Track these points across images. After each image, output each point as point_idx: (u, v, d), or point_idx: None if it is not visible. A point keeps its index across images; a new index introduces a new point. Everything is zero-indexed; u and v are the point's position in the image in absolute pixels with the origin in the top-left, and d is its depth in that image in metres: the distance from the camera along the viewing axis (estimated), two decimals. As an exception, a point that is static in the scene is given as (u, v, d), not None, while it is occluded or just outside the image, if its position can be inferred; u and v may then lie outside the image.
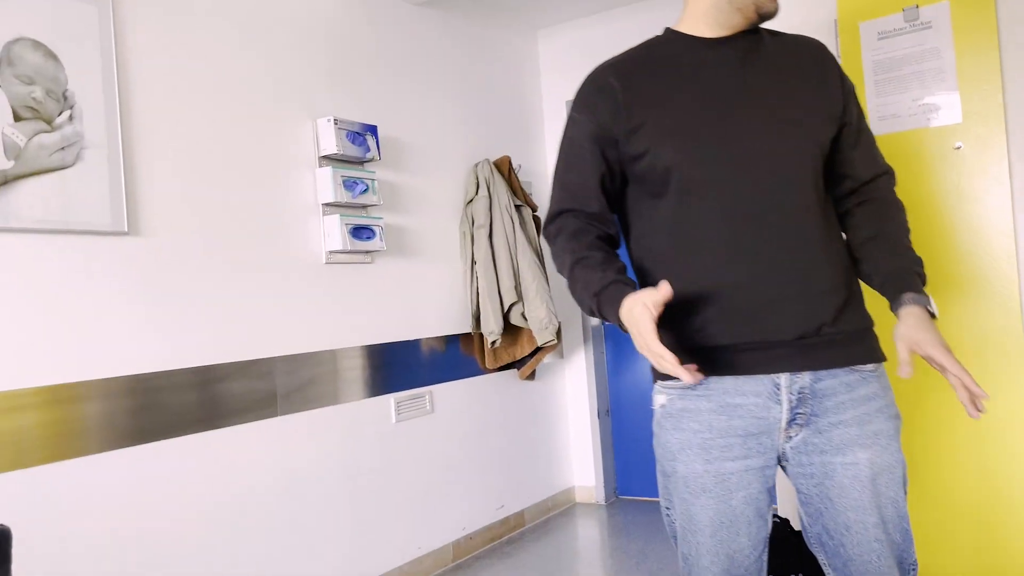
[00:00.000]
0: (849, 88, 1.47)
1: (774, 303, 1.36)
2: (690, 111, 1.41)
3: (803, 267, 1.37)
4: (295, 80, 2.82)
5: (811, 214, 1.38)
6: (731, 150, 1.38)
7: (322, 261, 2.85)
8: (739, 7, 1.43)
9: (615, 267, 1.41)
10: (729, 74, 1.42)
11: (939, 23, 1.93)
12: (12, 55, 2.01)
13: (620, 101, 1.44)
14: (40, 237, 2.06)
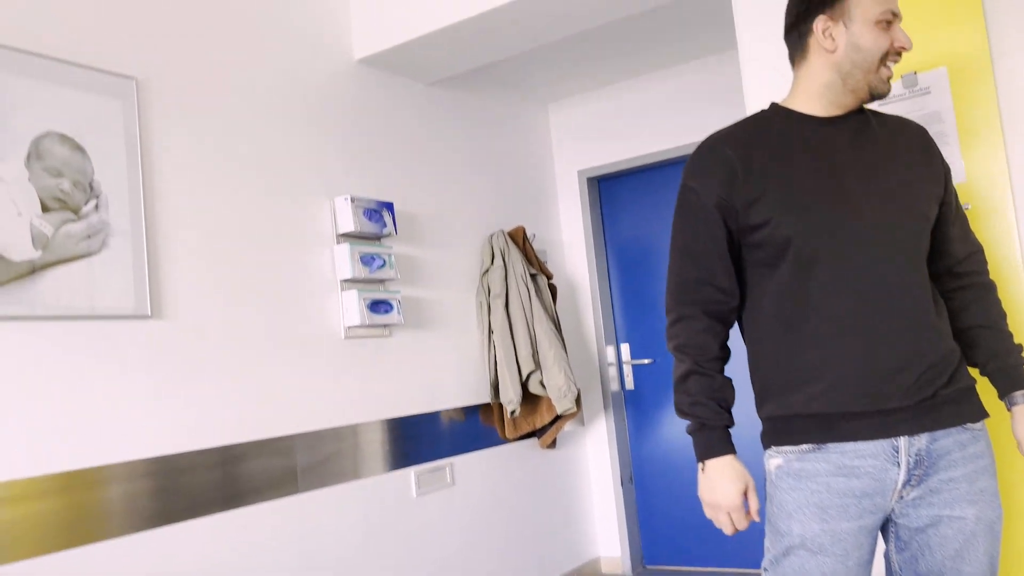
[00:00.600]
0: (947, 169, 1.57)
1: (891, 372, 1.41)
2: (807, 184, 1.46)
3: (917, 336, 1.43)
4: (313, 160, 2.90)
5: (922, 286, 1.46)
6: (848, 223, 1.44)
7: (341, 336, 2.89)
8: (853, 88, 1.49)
9: (727, 403, 1.51)
10: (843, 150, 1.49)
11: (938, 88, 1.97)
12: (41, 149, 2.09)
13: (738, 171, 1.48)
14: (66, 323, 2.11)
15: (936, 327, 1.45)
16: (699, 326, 1.52)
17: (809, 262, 1.45)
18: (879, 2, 1.45)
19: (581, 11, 2.96)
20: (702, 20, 3.44)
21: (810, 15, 1.50)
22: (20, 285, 2.01)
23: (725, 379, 1.53)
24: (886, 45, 1.46)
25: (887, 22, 1.45)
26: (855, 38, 1.46)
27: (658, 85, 3.97)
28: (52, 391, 2.08)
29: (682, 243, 1.55)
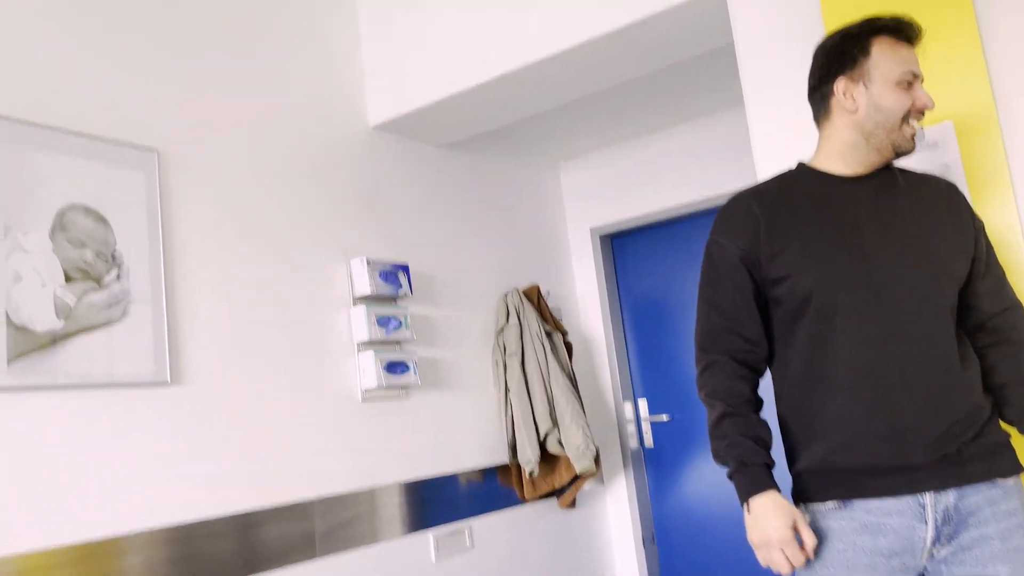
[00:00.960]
0: (979, 224, 1.57)
1: (914, 427, 1.41)
2: (829, 240, 1.49)
3: (940, 391, 1.42)
4: (329, 224, 2.95)
5: (947, 340, 1.45)
6: (869, 278, 1.46)
7: (358, 399, 2.89)
8: (877, 147, 1.52)
9: (764, 441, 1.49)
10: (866, 208, 1.51)
11: (945, 142, 1.99)
12: (65, 221, 2.14)
13: (762, 226, 1.52)
14: (85, 392, 2.13)
15: (961, 381, 1.44)
16: (728, 371, 1.53)
17: (829, 316, 1.46)
18: (899, 64, 1.50)
19: (589, 74, 3.03)
20: (708, 78, 3.50)
21: (831, 77, 1.54)
22: (41, 355, 2.04)
23: (760, 419, 1.52)
24: (907, 105, 1.49)
25: (908, 82, 1.49)
26: (876, 99, 1.50)
27: (667, 143, 4.03)
28: (71, 460, 2.08)
29: (709, 295, 1.57)
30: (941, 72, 1.99)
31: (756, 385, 1.56)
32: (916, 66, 1.52)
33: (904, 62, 1.50)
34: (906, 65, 1.50)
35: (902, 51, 1.52)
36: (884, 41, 1.52)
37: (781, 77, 2.23)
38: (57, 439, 2.07)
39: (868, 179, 1.55)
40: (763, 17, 2.27)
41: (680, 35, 2.79)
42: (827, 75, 1.55)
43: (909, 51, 1.53)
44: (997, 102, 1.94)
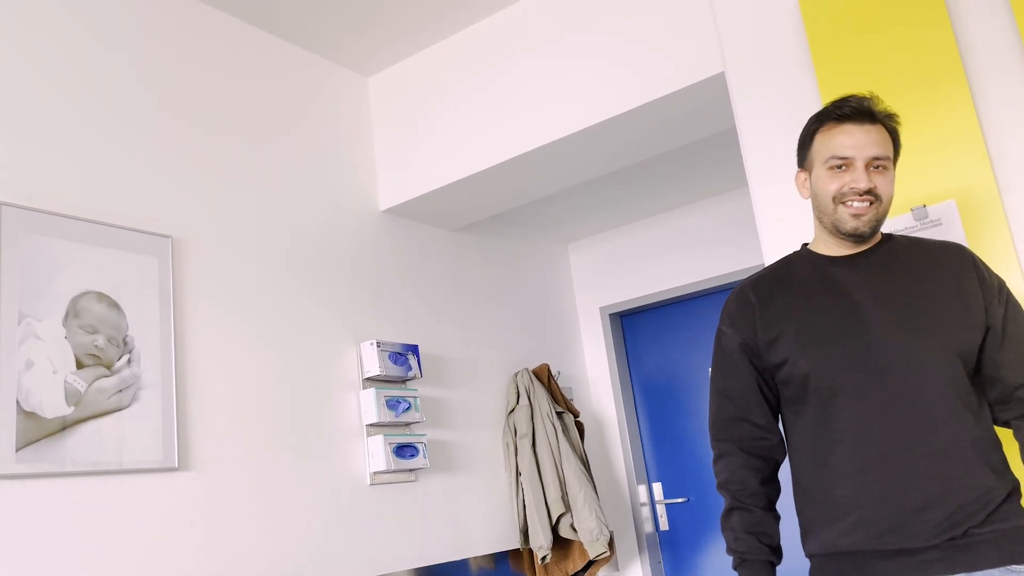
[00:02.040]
0: (993, 291, 1.52)
1: (917, 511, 1.39)
2: (823, 323, 1.51)
3: (944, 473, 1.39)
4: (340, 308, 2.97)
5: (953, 421, 1.42)
6: (868, 360, 1.45)
7: (367, 483, 2.86)
8: (829, 230, 1.56)
9: (769, 538, 1.51)
10: (861, 287, 1.52)
11: (948, 220, 2.00)
12: (79, 307, 2.17)
13: (757, 314, 1.57)
14: (94, 479, 2.12)
15: (969, 462, 1.40)
16: (737, 462, 1.57)
17: (829, 398, 1.48)
18: (827, 148, 1.54)
19: (595, 158, 3.09)
20: (713, 161, 3.57)
21: (798, 168, 1.64)
22: (51, 442, 2.04)
23: (767, 514, 1.54)
24: (834, 187, 1.52)
25: (837, 166, 1.52)
26: (813, 184, 1.57)
27: (674, 223, 4.07)
28: (79, 548, 2.05)
29: (718, 383, 1.62)
30: (941, 151, 2.02)
31: (769, 475, 1.57)
32: (845, 151, 1.51)
33: (836, 147, 1.52)
34: (832, 150, 1.52)
35: (839, 137, 1.52)
36: (827, 128, 1.55)
37: (783, 157, 2.26)
38: (64, 527, 2.04)
39: (864, 256, 1.57)
40: (763, 99, 2.32)
41: (683, 119, 2.85)
42: (798, 167, 1.65)
43: (855, 134, 1.51)
44: (998, 183, 1.96)
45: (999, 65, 2.00)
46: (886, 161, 1.53)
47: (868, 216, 1.51)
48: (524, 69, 2.96)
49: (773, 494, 1.58)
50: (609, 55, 2.78)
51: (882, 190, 1.51)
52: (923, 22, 2.07)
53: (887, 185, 1.53)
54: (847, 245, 1.56)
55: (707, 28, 2.58)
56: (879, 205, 1.52)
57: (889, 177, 1.54)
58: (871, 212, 1.51)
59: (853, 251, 1.57)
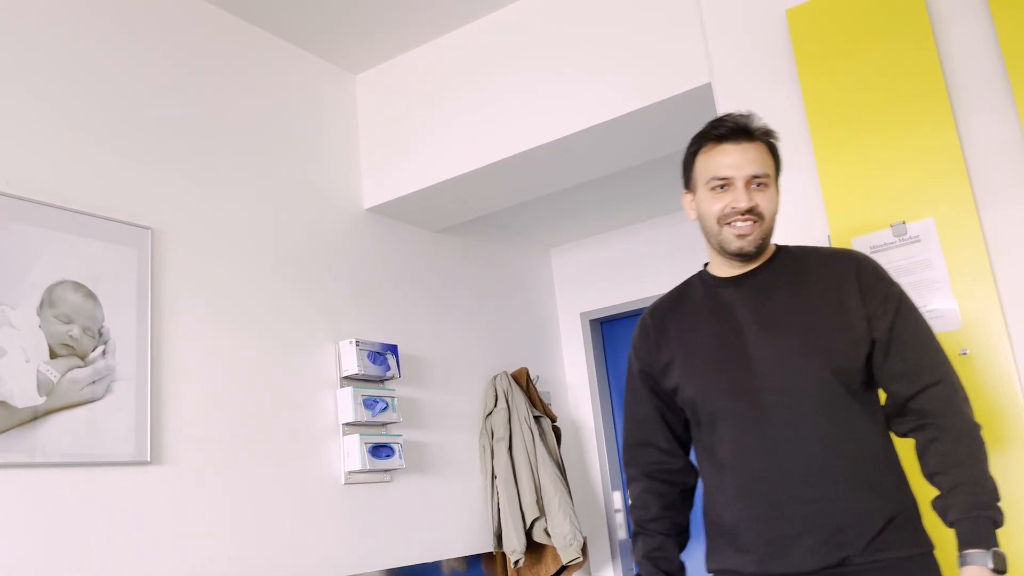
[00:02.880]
0: (877, 300, 1.47)
1: (794, 536, 1.38)
2: (710, 346, 1.52)
3: (821, 498, 1.38)
4: (320, 305, 2.95)
5: (831, 443, 1.40)
6: (750, 384, 1.45)
7: (341, 482, 2.84)
8: (716, 250, 1.56)
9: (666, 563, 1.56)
10: (744, 311, 1.52)
11: (927, 237, 2.03)
12: (54, 297, 2.14)
13: (652, 341, 1.61)
14: (65, 470, 2.09)
15: (847, 484, 1.38)
16: (640, 487, 1.62)
17: (713, 423, 1.50)
18: (707, 169, 1.53)
19: (580, 164, 3.10)
20: (698, 170, 3.58)
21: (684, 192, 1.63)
22: (21, 432, 2.01)
23: (666, 539, 1.58)
24: (717, 208, 1.51)
25: (719, 186, 1.51)
26: (698, 206, 1.56)
27: (656, 232, 4.09)
28: (48, 539, 2.03)
29: (627, 409, 1.67)
30: (922, 168, 2.05)
31: (673, 500, 1.61)
32: (725, 171, 1.49)
33: (715, 168, 1.50)
34: (712, 171, 1.51)
35: (718, 157, 1.51)
36: (706, 149, 1.54)
37: (766, 171, 2.28)
38: (33, 518, 2.01)
39: (750, 276, 1.55)
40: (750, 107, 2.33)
41: (669, 128, 2.87)
42: (684, 189, 1.64)
43: (733, 154, 1.50)
44: (977, 202, 1.99)
45: (982, 85, 2.02)
46: (766, 178, 1.51)
47: (752, 235, 1.49)
48: (512, 73, 2.96)
49: (679, 518, 1.60)
50: (597, 62, 2.79)
51: (764, 207, 1.50)
52: (908, 40, 2.10)
53: (768, 202, 1.51)
54: (735, 265, 1.55)
55: (695, 39, 2.59)
56: (762, 223, 1.50)
57: (770, 194, 1.52)
58: (755, 231, 1.49)
59: (741, 271, 1.56)
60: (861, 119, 2.13)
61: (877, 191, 2.09)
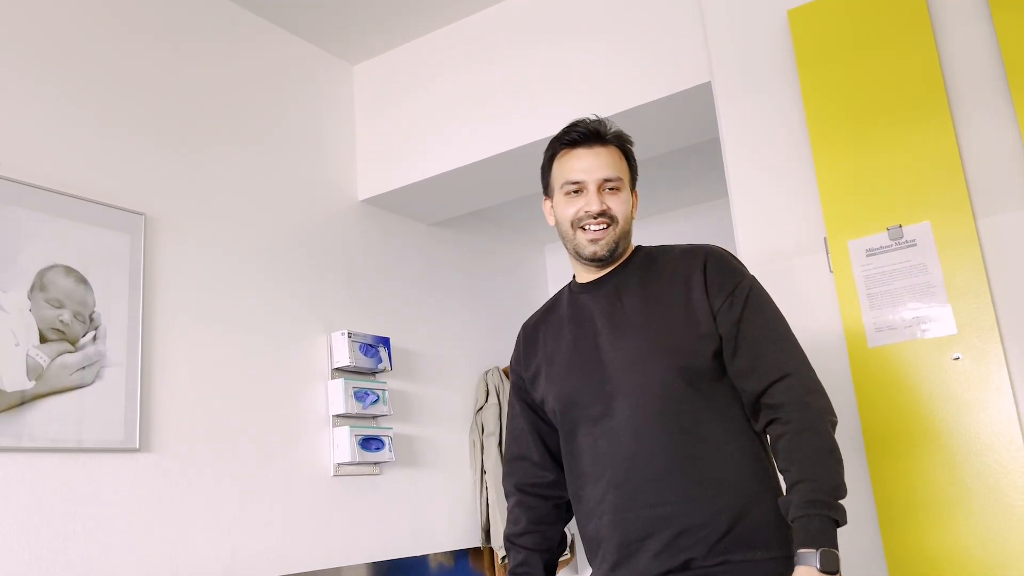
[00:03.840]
0: (723, 294, 1.43)
1: (640, 541, 1.38)
2: (565, 356, 1.53)
3: (665, 502, 1.37)
4: (312, 296, 2.94)
5: (677, 445, 1.38)
6: (602, 390, 1.45)
7: (330, 474, 2.83)
8: (573, 256, 1.56)
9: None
10: (599, 316, 1.52)
11: (923, 241, 2.03)
12: (45, 281, 2.12)
13: (522, 353, 1.63)
14: (52, 456, 2.07)
15: (692, 485, 1.36)
16: (512, 501, 1.64)
17: (573, 433, 1.50)
18: (561, 174, 1.54)
19: (578, 159, 3.08)
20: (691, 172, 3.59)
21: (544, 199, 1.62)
22: (9, 416, 1.99)
23: (530, 554, 1.59)
24: (570, 212, 1.51)
25: (572, 191, 1.51)
26: (555, 212, 1.56)
27: (652, 230, 4.08)
28: (34, 524, 2.01)
29: (508, 423, 1.68)
30: (920, 171, 2.05)
31: (544, 514, 1.61)
32: (580, 175, 1.49)
33: (568, 172, 1.51)
34: (566, 176, 1.51)
35: (571, 162, 1.51)
36: (561, 155, 1.55)
37: (765, 169, 2.28)
38: (20, 502, 1.99)
39: (605, 280, 1.54)
40: (748, 111, 2.34)
41: (667, 126, 2.86)
42: (544, 195, 1.62)
43: (585, 158, 1.50)
44: (974, 207, 1.99)
45: (981, 89, 2.02)
46: (618, 182, 1.51)
47: (605, 239, 1.49)
48: (511, 67, 2.95)
49: (550, 532, 1.60)
50: (597, 58, 2.78)
51: (617, 211, 1.50)
52: (909, 44, 2.10)
53: (621, 205, 1.51)
54: (592, 270, 1.55)
55: (695, 37, 2.59)
56: (616, 227, 1.50)
57: (623, 197, 1.51)
58: (608, 235, 1.49)
59: (598, 275, 1.55)
60: (860, 121, 2.13)
61: (874, 194, 2.09)
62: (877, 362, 2.02)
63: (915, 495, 1.93)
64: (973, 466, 1.90)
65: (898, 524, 1.93)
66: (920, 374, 1.98)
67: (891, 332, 2.03)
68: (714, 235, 3.86)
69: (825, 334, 2.12)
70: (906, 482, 1.95)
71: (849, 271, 2.10)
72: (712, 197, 3.92)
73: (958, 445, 1.92)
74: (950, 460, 1.92)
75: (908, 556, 1.91)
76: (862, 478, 2.01)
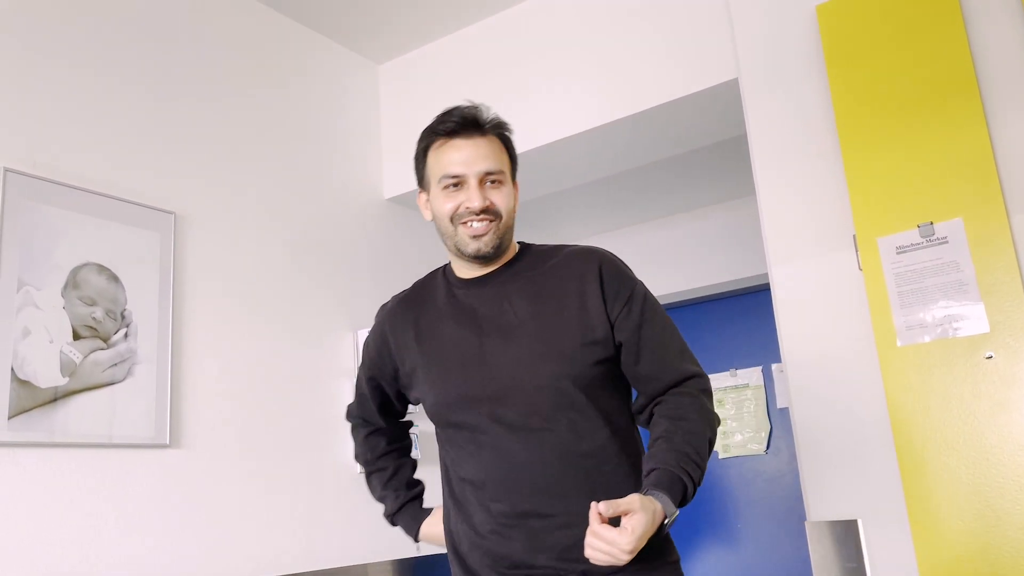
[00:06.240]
0: (620, 300, 1.41)
1: (521, 561, 1.35)
2: (446, 355, 1.44)
3: (554, 513, 1.34)
4: (339, 295, 2.96)
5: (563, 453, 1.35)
6: (479, 394, 1.39)
7: (355, 471, 2.84)
8: (453, 252, 1.50)
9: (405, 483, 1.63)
10: (484, 315, 1.44)
11: (955, 238, 2.00)
12: (78, 279, 2.16)
13: (391, 342, 1.54)
14: (84, 451, 2.11)
15: (582, 496, 1.30)
16: (364, 432, 1.68)
17: (453, 434, 1.44)
18: (439, 167, 1.44)
19: (601, 160, 3.08)
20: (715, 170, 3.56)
21: (418, 191, 1.54)
22: (43, 412, 2.03)
23: (400, 464, 1.66)
24: (450, 207, 1.43)
25: (451, 185, 1.43)
26: (432, 205, 1.48)
27: (679, 229, 4.07)
28: (66, 519, 2.04)
29: (359, 373, 1.67)
30: (951, 167, 2.02)
31: (398, 443, 1.70)
32: (457, 168, 1.41)
33: (446, 165, 1.42)
34: (444, 168, 1.42)
35: (449, 153, 1.43)
36: (436, 145, 1.46)
37: (792, 165, 2.26)
38: (52, 497, 2.03)
39: (491, 278, 1.47)
40: (775, 107, 2.32)
41: (693, 124, 2.84)
42: (418, 187, 1.55)
43: (464, 149, 1.43)
44: (1007, 200, 1.96)
45: (1014, 83, 1.99)
46: (500, 175, 1.44)
47: (489, 235, 1.42)
48: (535, 65, 2.95)
49: (406, 456, 1.74)
50: (624, 55, 2.77)
51: (500, 205, 1.43)
52: (940, 38, 2.07)
53: (504, 199, 1.44)
54: (475, 267, 1.48)
55: (722, 33, 2.57)
56: (499, 222, 1.43)
57: (506, 191, 1.45)
58: (491, 230, 1.42)
59: (482, 272, 1.48)
60: (890, 117, 2.11)
61: (905, 191, 2.07)
62: (908, 361, 2.00)
63: (946, 496, 1.91)
64: (1006, 467, 1.87)
65: (929, 525, 1.91)
66: (952, 373, 1.95)
67: (922, 330, 2.00)
68: (743, 230, 3.83)
69: (854, 333, 2.10)
70: (937, 483, 1.92)
71: (879, 269, 2.08)
72: (739, 194, 3.89)
73: (991, 445, 1.89)
74: (983, 460, 1.89)
75: (939, 557, 1.89)
76: (893, 478, 1.99)
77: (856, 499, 2.03)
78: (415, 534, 1.58)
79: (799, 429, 2.16)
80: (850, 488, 2.05)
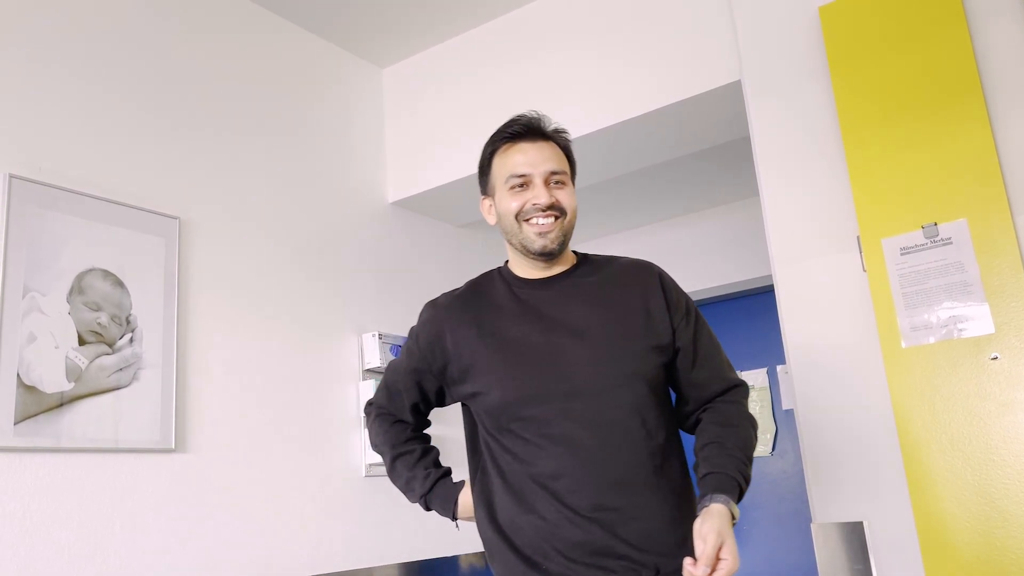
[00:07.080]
0: (680, 311, 1.52)
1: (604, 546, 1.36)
2: (517, 351, 1.46)
3: (631, 506, 1.37)
4: (343, 298, 2.96)
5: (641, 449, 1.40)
6: (557, 389, 1.41)
7: (362, 474, 2.85)
8: (520, 251, 1.53)
9: (434, 462, 1.62)
10: (554, 314, 1.48)
11: (959, 239, 2.00)
12: (83, 284, 2.17)
13: (447, 340, 1.53)
14: (90, 456, 2.11)
15: (657, 492, 1.37)
16: (388, 421, 1.66)
17: (520, 428, 1.44)
18: (505, 168, 1.52)
19: (605, 162, 3.08)
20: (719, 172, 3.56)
21: (482, 197, 1.60)
22: (48, 417, 2.03)
23: (426, 448, 1.66)
24: (516, 206, 1.49)
25: (517, 185, 1.49)
26: (497, 207, 1.54)
27: (684, 230, 4.06)
28: (73, 523, 2.05)
29: (392, 368, 1.66)
30: (955, 168, 2.01)
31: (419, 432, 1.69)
32: (525, 168, 1.49)
33: (512, 166, 1.50)
34: (510, 169, 1.50)
35: (515, 156, 1.51)
36: (502, 149, 1.54)
37: (796, 166, 2.26)
38: (59, 502, 2.04)
39: (558, 280, 1.53)
40: (778, 109, 2.32)
41: (696, 126, 2.84)
42: (481, 194, 1.61)
43: (529, 152, 1.51)
44: (1011, 201, 1.96)
45: (1018, 84, 1.99)
46: (563, 176, 1.52)
47: (554, 232, 1.49)
48: (540, 68, 2.95)
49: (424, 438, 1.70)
50: (627, 57, 2.77)
51: (565, 203, 1.50)
52: (943, 39, 2.07)
53: (568, 198, 1.51)
54: (540, 266, 1.53)
55: (725, 35, 2.57)
56: (564, 220, 1.50)
57: (569, 191, 1.52)
58: (557, 227, 1.49)
59: (547, 273, 1.54)
60: (893, 118, 2.10)
61: (908, 192, 2.06)
62: (912, 362, 1.99)
63: (952, 497, 1.90)
64: (1012, 467, 1.86)
65: (935, 526, 1.91)
66: (957, 374, 1.95)
67: (926, 331, 2.00)
68: (746, 234, 3.83)
69: (858, 334, 2.09)
70: (943, 484, 1.92)
71: (883, 270, 2.07)
72: (743, 196, 3.89)
73: (997, 446, 1.88)
74: (988, 461, 1.89)
75: (945, 558, 1.88)
76: (898, 480, 1.98)
77: (862, 501, 2.03)
78: (453, 509, 1.58)
79: (804, 431, 2.15)
80: (856, 490, 2.04)
